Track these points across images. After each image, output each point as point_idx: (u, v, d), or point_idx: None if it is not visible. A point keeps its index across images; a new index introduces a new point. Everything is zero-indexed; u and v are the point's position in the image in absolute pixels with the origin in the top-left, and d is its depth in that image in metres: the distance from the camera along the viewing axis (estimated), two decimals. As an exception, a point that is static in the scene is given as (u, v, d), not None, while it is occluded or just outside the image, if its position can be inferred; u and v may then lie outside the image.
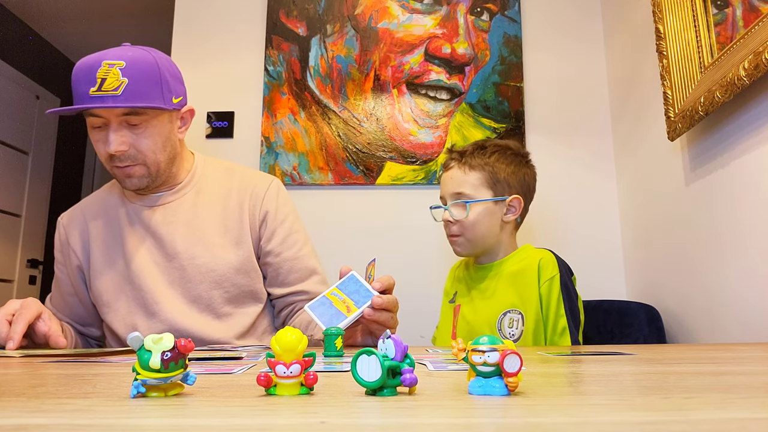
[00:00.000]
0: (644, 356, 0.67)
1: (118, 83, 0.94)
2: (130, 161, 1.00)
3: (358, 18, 1.86)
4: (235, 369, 0.53)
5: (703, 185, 1.25)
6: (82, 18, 3.23)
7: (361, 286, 0.84)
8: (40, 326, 0.91)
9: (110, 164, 1.01)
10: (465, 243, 1.19)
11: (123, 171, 1.01)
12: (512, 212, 1.19)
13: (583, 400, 0.36)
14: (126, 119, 0.97)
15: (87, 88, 0.94)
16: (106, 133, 0.98)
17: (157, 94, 0.99)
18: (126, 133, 0.98)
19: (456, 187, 1.18)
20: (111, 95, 0.94)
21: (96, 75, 0.94)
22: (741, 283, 1.12)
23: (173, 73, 1.05)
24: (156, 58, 1.02)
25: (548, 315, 1.09)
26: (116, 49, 0.99)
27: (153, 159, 1.02)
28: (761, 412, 0.31)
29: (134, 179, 1.02)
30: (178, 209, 1.10)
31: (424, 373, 0.50)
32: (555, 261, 1.13)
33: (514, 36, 1.83)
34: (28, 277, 3.24)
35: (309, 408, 0.33)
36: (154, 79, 0.99)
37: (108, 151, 0.98)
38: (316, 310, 0.82)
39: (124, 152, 0.98)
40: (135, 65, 0.97)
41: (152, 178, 1.04)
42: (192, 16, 1.92)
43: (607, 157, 1.78)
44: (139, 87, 0.96)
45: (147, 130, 1.00)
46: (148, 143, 1.00)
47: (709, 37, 1.19)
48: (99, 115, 0.96)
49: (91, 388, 0.40)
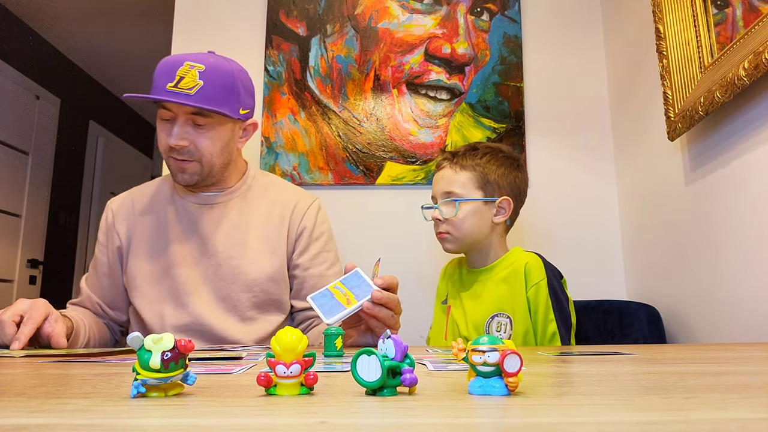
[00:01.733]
0: (644, 356, 0.67)
1: (194, 84, 1.02)
2: (188, 156, 1.07)
3: (358, 18, 1.86)
4: (235, 369, 0.53)
5: (703, 185, 1.25)
6: (82, 18, 3.23)
7: (363, 282, 0.86)
8: (45, 327, 0.92)
9: (168, 155, 1.08)
10: (453, 240, 1.19)
11: (178, 164, 1.08)
12: (502, 213, 1.20)
13: (583, 400, 0.36)
14: (193, 118, 1.05)
15: (165, 82, 1.01)
16: (172, 126, 1.05)
17: (227, 102, 1.06)
18: (190, 131, 1.06)
19: (446, 186, 1.19)
20: (185, 93, 1.01)
21: (176, 72, 1.02)
22: (741, 283, 1.12)
23: (247, 86, 1.12)
24: (234, 70, 1.09)
25: (536, 320, 1.09)
26: (201, 54, 1.08)
27: (208, 159, 1.09)
28: (761, 412, 0.31)
29: (186, 174, 1.09)
30: (224, 211, 1.16)
31: (424, 373, 0.50)
32: (542, 265, 1.12)
33: (514, 36, 1.83)
34: (28, 277, 3.24)
35: (309, 408, 0.33)
36: (228, 88, 1.06)
37: (169, 142, 1.05)
38: (317, 301, 0.84)
39: (184, 147, 1.06)
40: (213, 71, 1.04)
41: (203, 177, 1.10)
42: (192, 16, 1.92)
43: (607, 157, 1.78)
44: (212, 92, 1.03)
45: (209, 132, 1.07)
46: (207, 144, 1.07)
47: (709, 37, 1.19)
48: (169, 109, 1.04)
49: (91, 388, 0.40)
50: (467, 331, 1.16)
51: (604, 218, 1.75)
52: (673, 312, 1.39)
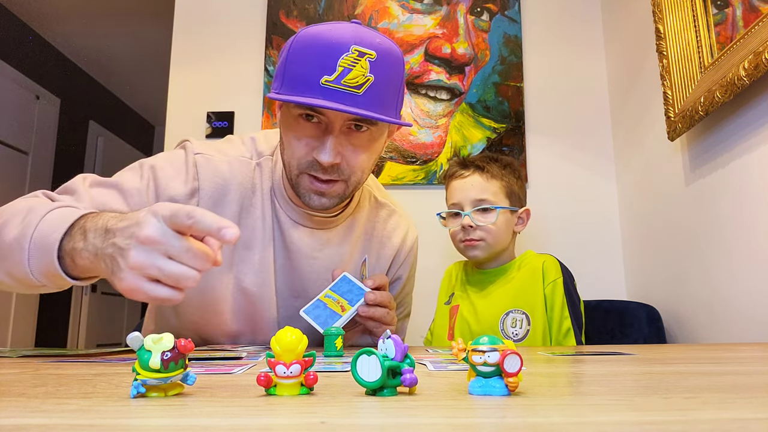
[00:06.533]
0: (644, 356, 0.67)
1: (364, 80, 0.72)
2: (336, 176, 0.79)
3: (358, 18, 1.86)
4: (235, 369, 0.53)
5: (703, 185, 1.25)
6: (82, 18, 3.23)
7: (353, 286, 0.85)
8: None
9: (303, 170, 0.80)
10: (485, 247, 1.20)
11: (318, 186, 0.80)
12: (521, 223, 1.24)
13: (583, 400, 0.36)
14: (353, 124, 0.78)
15: (321, 74, 0.72)
16: (323, 137, 0.77)
17: (393, 104, 0.79)
18: (344, 143, 0.78)
19: (479, 193, 1.20)
20: (351, 93, 0.72)
21: (338, 61, 0.71)
22: (741, 282, 1.12)
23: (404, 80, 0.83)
24: (402, 58, 0.80)
25: (552, 316, 1.12)
26: (365, 31, 0.75)
27: (357, 179, 0.82)
28: (761, 412, 0.31)
29: (325, 198, 0.81)
30: (326, 242, 0.91)
31: (424, 373, 0.50)
32: (558, 265, 1.16)
33: (514, 36, 1.83)
34: (28, 277, 3.24)
35: (309, 408, 0.33)
36: (397, 85, 0.79)
37: (321, 160, 0.76)
38: (311, 314, 0.82)
39: (336, 165, 0.78)
40: (385, 60, 0.74)
41: (341, 199, 0.83)
42: (192, 16, 1.92)
43: (607, 157, 1.78)
44: (383, 91, 0.75)
45: (366, 144, 0.80)
46: (362, 160, 0.80)
47: (709, 37, 1.19)
48: (322, 113, 0.76)
49: (91, 388, 0.40)
50: (480, 329, 1.17)
51: (604, 218, 1.75)
52: (673, 312, 1.39)
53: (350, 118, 0.77)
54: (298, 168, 0.80)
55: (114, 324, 4.09)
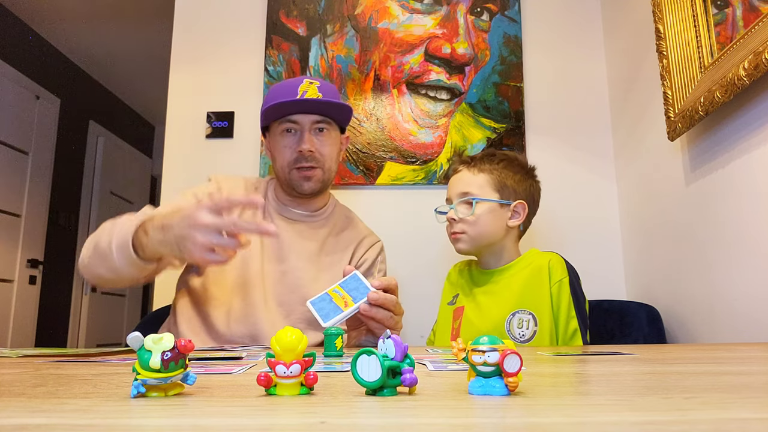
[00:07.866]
0: (644, 356, 0.67)
1: (318, 95, 1.13)
2: (313, 163, 1.14)
3: (358, 18, 1.86)
4: (235, 369, 0.53)
5: (703, 185, 1.25)
6: (82, 18, 3.24)
7: (360, 284, 0.86)
8: None
9: (291, 167, 1.15)
10: (467, 240, 1.19)
11: (303, 173, 1.14)
12: (516, 217, 1.21)
13: (583, 400, 0.36)
14: (317, 126, 1.15)
15: (291, 96, 1.11)
16: (299, 137, 1.14)
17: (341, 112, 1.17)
18: (314, 138, 1.15)
19: (463, 187, 1.20)
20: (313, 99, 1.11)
21: (299, 89, 1.12)
22: (741, 282, 1.12)
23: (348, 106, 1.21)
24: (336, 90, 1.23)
25: (559, 316, 1.10)
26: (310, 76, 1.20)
27: (329, 166, 1.18)
28: (761, 412, 0.31)
29: (311, 182, 1.15)
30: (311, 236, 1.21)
31: (424, 373, 0.50)
32: (564, 263, 1.15)
33: (514, 36, 1.83)
34: (28, 277, 3.24)
35: (309, 408, 0.33)
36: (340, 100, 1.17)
37: (300, 148, 1.12)
38: (316, 305, 0.85)
39: (312, 153, 1.13)
40: (328, 87, 1.16)
41: (323, 185, 1.18)
42: (192, 16, 1.92)
43: (607, 157, 1.78)
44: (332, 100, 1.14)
45: (329, 140, 1.17)
46: (329, 150, 1.17)
47: (709, 37, 1.19)
48: (296, 121, 1.14)
49: (91, 388, 0.40)
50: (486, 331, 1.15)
51: (604, 218, 1.75)
52: (673, 312, 1.39)
53: (315, 121, 1.14)
54: (288, 166, 1.15)
55: (114, 324, 4.09)
